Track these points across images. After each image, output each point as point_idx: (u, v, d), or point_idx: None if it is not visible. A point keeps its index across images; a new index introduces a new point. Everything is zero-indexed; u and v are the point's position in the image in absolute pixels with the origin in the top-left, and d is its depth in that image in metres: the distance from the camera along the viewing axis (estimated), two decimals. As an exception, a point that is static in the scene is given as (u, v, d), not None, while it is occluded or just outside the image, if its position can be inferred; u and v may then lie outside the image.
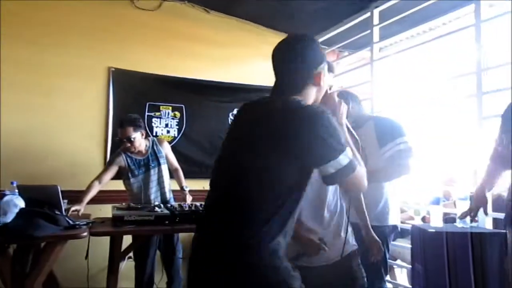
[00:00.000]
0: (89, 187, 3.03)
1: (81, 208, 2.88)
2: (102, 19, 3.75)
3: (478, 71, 2.80)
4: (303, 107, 1.30)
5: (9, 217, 2.25)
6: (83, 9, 3.66)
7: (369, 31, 3.76)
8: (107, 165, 3.24)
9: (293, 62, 1.38)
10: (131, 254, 3.21)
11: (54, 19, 3.58)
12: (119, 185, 3.29)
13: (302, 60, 1.37)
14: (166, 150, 3.38)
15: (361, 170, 1.33)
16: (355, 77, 4.29)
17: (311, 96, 1.41)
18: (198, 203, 3.13)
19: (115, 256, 2.86)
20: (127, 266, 3.31)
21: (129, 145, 3.09)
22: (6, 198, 2.35)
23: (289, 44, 1.41)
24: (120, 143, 3.16)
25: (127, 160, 3.20)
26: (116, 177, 3.23)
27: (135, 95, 3.88)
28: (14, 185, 2.58)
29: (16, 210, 2.30)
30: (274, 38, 4.46)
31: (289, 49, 1.40)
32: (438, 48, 3.90)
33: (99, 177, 3.10)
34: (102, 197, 3.26)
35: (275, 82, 1.43)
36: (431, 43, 3.38)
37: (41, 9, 3.53)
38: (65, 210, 2.70)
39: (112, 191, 3.36)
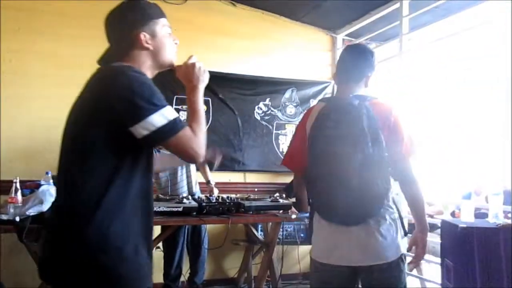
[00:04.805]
0: None
1: None
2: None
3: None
4: (110, 69, 1.22)
5: (45, 206, 2.33)
6: (106, 1, 3.70)
7: (398, 22, 3.70)
8: None
9: (112, 25, 1.30)
10: (159, 244, 3.27)
11: (75, 12, 3.61)
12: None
13: (121, 22, 1.29)
14: None
15: (188, 133, 1.18)
16: (385, 69, 4.22)
17: (142, 60, 1.29)
18: (224, 195, 3.16)
19: (145, 246, 2.92)
20: (156, 256, 3.38)
21: None
22: (42, 188, 2.43)
23: (112, 9, 1.31)
24: None
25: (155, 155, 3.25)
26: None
27: (163, 89, 3.90)
28: (49, 175, 2.66)
29: (52, 199, 2.37)
30: (300, 30, 4.48)
31: (111, 13, 1.31)
32: (467, 39, 3.79)
33: None
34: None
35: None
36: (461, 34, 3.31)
37: (61, 1, 3.58)
38: None
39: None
